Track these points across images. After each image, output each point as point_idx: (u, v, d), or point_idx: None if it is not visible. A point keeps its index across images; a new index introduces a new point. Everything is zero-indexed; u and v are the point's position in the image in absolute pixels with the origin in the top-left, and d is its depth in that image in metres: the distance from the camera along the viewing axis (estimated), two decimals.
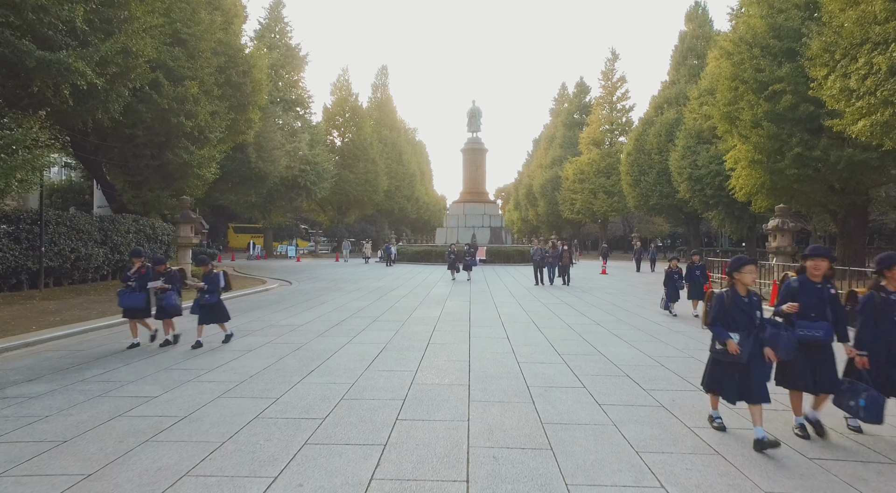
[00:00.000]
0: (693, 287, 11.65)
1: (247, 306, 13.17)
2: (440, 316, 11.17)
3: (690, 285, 11.69)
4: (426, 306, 12.91)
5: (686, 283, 11.77)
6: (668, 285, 11.82)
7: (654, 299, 15.22)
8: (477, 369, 6.50)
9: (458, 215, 41.98)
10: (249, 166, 29.81)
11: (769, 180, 19.37)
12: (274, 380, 5.96)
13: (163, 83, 16.92)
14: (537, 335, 9.02)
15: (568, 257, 19.54)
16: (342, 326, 9.96)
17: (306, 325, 10.06)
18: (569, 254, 19.82)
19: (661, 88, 45.04)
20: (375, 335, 8.93)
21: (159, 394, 5.41)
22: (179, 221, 16.60)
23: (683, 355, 7.50)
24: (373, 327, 9.78)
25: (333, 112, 57.10)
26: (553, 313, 11.95)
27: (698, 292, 11.39)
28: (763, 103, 18.38)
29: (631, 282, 21.36)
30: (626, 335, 9.11)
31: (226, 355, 7.29)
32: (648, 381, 6.06)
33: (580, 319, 11.03)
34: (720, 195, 33.01)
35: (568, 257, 19.57)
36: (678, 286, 11.77)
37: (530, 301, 14.23)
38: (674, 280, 11.80)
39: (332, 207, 58.02)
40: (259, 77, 23.07)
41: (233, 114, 21.95)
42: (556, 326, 10.09)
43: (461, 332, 9.29)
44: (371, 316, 11.22)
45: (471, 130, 43.92)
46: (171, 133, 18.92)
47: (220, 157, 21.36)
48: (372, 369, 6.55)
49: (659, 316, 11.63)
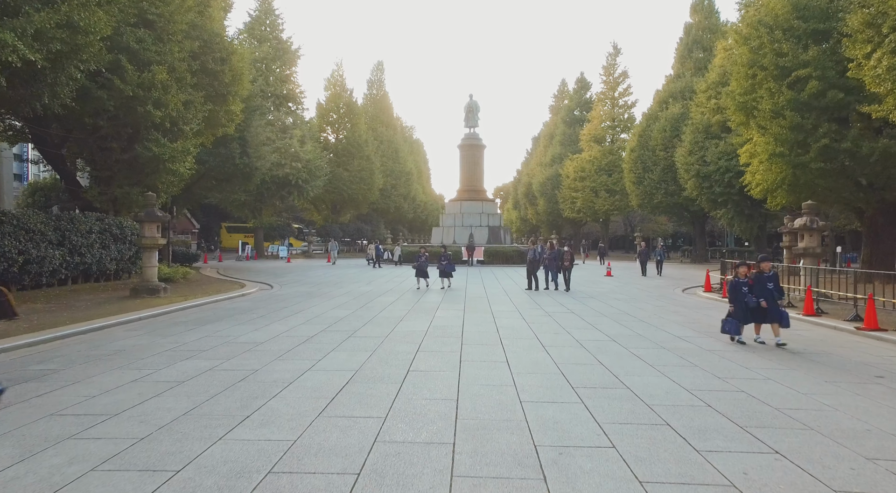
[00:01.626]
0: (758, 307, 8.48)
1: (212, 315, 11.57)
2: (428, 330, 9.58)
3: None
4: (414, 317, 11.32)
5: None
6: (736, 303, 8.63)
7: (672, 306, 13.65)
8: (466, 415, 4.92)
9: (454, 214, 40.37)
10: (234, 162, 28.17)
11: (791, 175, 17.82)
12: (189, 434, 4.37)
13: (126, 67, 15.33)
14: (543, 358, 7.43)
15: (569, 259, 17.71)
16: (310, 344, 8.36)
17: (268, 342, 8.46)
18: (570, 255, 17.97)
19: (666, 82, 43.52)
20: (346, 358, 7.34)
21: (9, 465, 3.82)
22: (144, 219, 14.99)
23: (731, 389, 5.92)
24: (346, 346, 8.18)
25: (327, 108, 55.51)
26: (560, 325, 10.36)
27: (773, 312, 8.37)
28: (785, 91, 16.82)
29: (640, 286, 19.78)
30: (650, 357, 7.53)
31: (146, 390, 5.70)
32: (699, 434, 4.48)
33: (592, 333, 9.45)
34: (729, 193, 31.51)
35: (569, 258, 17.75)
36: (750, 303, 8.43)
37: (532, 310, 12.65)
38: (742, 295, 8.59)
39: (326, 205, 56.43)
40: (239, 65, 21.47)
41: (210, 105, 20.36)
42: (564, 343, 8.50)
43: (451, 353, 7.70)
44: (347, 330, 9.62)
45: (468, 125, 42.31)
46: (140, 124, 17.34)
47: (195, 151, 19.75)
48: (328, 413, 4.96)
49: (683, 329, 10.05)
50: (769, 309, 8.30)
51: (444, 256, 17.90)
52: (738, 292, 8.52)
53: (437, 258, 18.59)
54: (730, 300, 8.70)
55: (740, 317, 8.49)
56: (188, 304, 13.27)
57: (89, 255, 16.44)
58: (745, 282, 8.56)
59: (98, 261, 17.00)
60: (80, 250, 16.02)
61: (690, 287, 19.83)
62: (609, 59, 55.15)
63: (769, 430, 4.58)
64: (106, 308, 12.15)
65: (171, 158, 18.08)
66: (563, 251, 17.84)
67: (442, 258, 17.81)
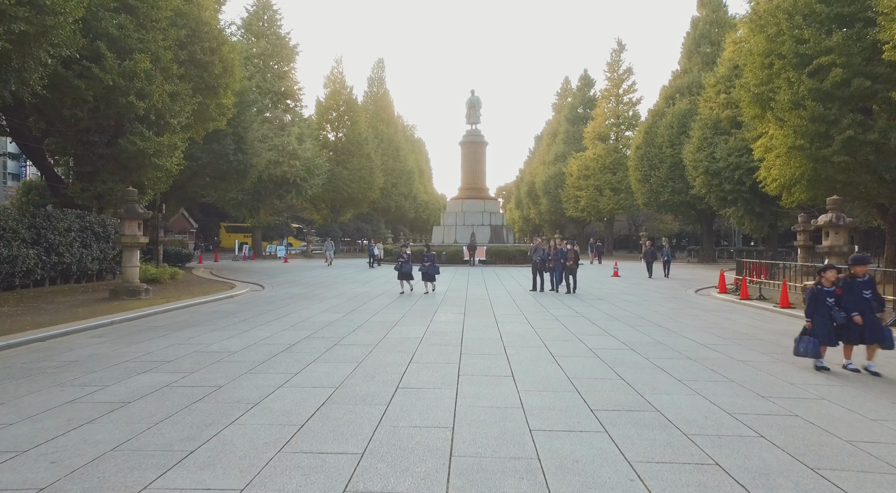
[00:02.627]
0: (850, 323, 6.45)
1: (189, 319, 10.63)
2: (423, 337, 8.61)
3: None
4: (409, 321, 10.37)
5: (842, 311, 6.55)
6: (818, 317, 6.58)
7: (688, 309, 12.66)
8: (464, 450, 3.96)
9: (456, 213, 39.38)
10: (228, 159, 27.24)
11: (811, 170, 16.80)
12: (105, 482, 3.41)
13: (105, 55, 14.40)
14: (554, 371, 6.47)
15: (573, 258, 16.40)
16: (289, 354, 7.41)
17: (242, 352, 7.51)
18: (574, 254, 16.51)
19: (672, 77, 42.52)
20: (327, 372, 6.39)
21: None
22: (124, 216, 14.07)
23: (782, 412, 4.95)
24: (330, 356, 7.23)
25: (327, 106, 54.58)
26: (569, 331, 9.39)
27: (872, 330, 6.37)
28: (806, 80, 15.81)
29: (650, 287, 18.79)
30: (677, 370, 6.56)
31: (79, 414, 4.75)
32: (761, 480, 3.51)
33: (606, 341, 8.47)
34: (739, 190, 30.47)
35: (573, 257, 16.42)
36: (838, 319, 6.48)
37: (538, 313, 11.67)
38: (827, 308, 6.55)
39: (326, 205, 55.52)
40: (230, 57, 20.51)
41: (199, 97, 19.43)
42: (576, 353, 7.54)
43: (448, 365, 6.75)
44: (334, 337, 8.67)
45: (470, 121, 41.28)
46: (123, 116, 16.44)
47: (183, 145, 18.82)
48: (292, 447, 4.01)
49: (706, 335, 9.06)
50: (866, 325, 6.37)
51: (426, 256, 15.73)
52: (820, 304, 6.59)
53: (419, 259, 16.59)
54: (807, 314, 6.70)
55: (823, 336, 6.53)
56: (168, 307, 12.35)
57: (68, 254, 15.52)
58: (832, 291, 6.60)
59: (78, 261, 16.08)
60: (57, 250, 15.09)
61: (703, 288, 18.86)
62: (613, 55, 54.12)
63: (851, 475, 3.60)
64: (77, 312, 11.21)
65: (156, 153, 17.17)
66: (570, 250, 16.77)
67: (424, 259, 15.65)
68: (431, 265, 15.56)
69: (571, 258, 16.29)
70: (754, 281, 15.65)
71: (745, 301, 14.35)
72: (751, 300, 14.50)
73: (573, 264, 16.24)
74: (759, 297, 14.74)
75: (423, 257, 15.75)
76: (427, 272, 15.55)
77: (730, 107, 31.37)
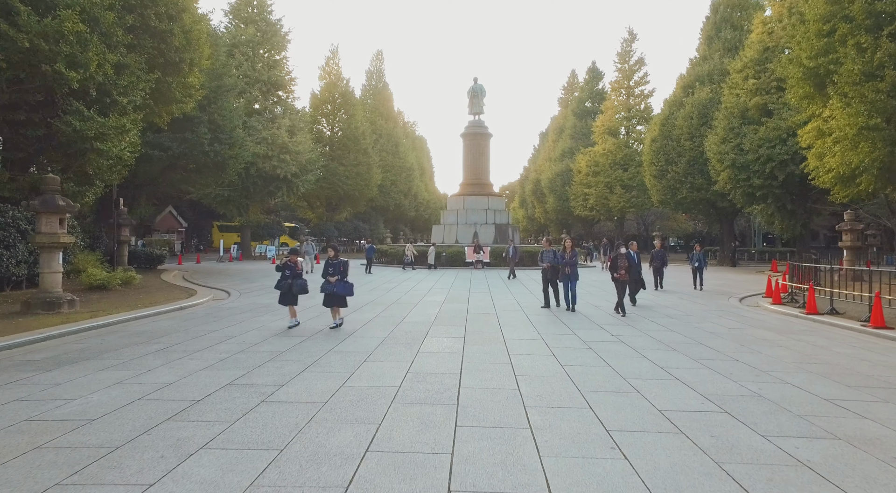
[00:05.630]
0: None
1: (89, 348, 7.79)
2: (401, 387, 5.75)
3: None
4: (387, 354, 7.51)
5: None
6: None
7: (753, 329, 9.75)
8: None
9: (457, 211, 36.43)
10: (203, 150, 24.40)
11: (887, 154, 13.89)
12: None
13: (18, 8, 11.60)
14: (619, 474, 3.61)
15: (570, 264, 11.99)
16: (179, 422, 4.57)
17: (108, 418, 4.68)
18: (572, 257, 12.07)
19: (690, 65, 39.61)
20: (217, 471, 3.54)
21: None
22: (38, 209, 11.26)
23: None
24: (242, 428, 4.39)
25: (322, 99, 51.80)
26: (615, 371, 6.52)
27: None
28: (885, 43, 12.92)
29: (684, 296, 15.88)
30: (828, 465, 3.69)
31: None
32: None
33: (678, 392, 5.60)
34: (770, 185, 27.53)
35: (571, 262, 12.00)
36: None
37: (563, 337, 8.81)
38: None
39: (321, 203, 52.72)
40: (194, 27, 17.72)
41: (157, 73, 16.60)
42: (643, 422, 4.68)
43: (433, 456, 3.91)
44: (267, 384, 5.82)
45: (472, 111, 38.32)
46: (54, 90, 13.62)
47: (135, 128, 15.99)
48: None
49: (817, 379, 6.18)
50: None
51: (331, 264, 9.31)
52: None
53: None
54: None
55: None
56: (87, 324, 9.57)
57: None
58: None
59: None
60: None
61: (746, 297, 15.99)
62: (624, 45, 51.23)
63: None
64: None
65: (99, 136, 14.34)
66: (620, 253, 11.88)
67: (329, 269, 9.27)
68: (340, 281, 9.18)
69: (570, 265, 12.00)
70: (823, 290, 12.75)
71: (814, 317, 11.47)
72: (821, 315, 11.63)
73: (571, 271, 12.02)
74: (832, 311, 11.85)
75: (326, 267, 9.37)
76: (333, 292, 9.19)
77: (759, 93, 28.48)
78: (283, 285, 9.46)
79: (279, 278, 9.54)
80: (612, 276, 11.74)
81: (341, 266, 9.35)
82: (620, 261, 11.48)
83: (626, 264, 11.47)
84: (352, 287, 9.44)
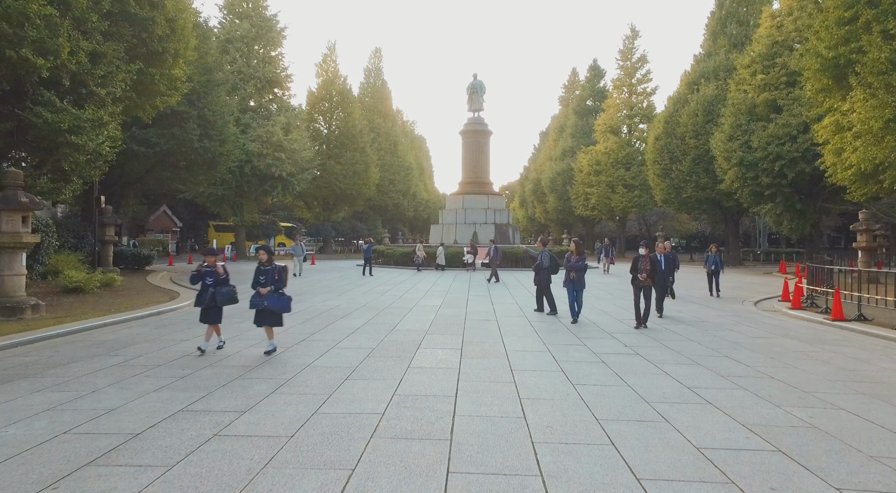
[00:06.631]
0: None
1: (45, 359, 6.88)
2: (385, 414, 4.84)
3: None
4: (373, 369, 6.60)
5: None
6: None
7: (780, 339, 8.83)
8: None
9: (456, 210, 35.51)
10: (192, 146, 23.48)
11: None
12: None
13: None
14: None
15: (576, 265, 10.67)
16: (98, 471, 3.65)
17: (3, 466, 3.77)
18: (581, 256, 10.86)
19: (695, 61, 38.68)
20: None
21: None
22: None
23: None
24: (173, 479, 3.48)
25: (319, 96, 50.87)
26: (635, 392, 5.61)
27: None
28: None
29: (693, 298, 14.97)
30: None
31: None
32: None
33: (712, 420, 4.69)
34: (779, 184, 26.63)
35: (578, 263, 10.69)
36: None
37: (571, 348, 7.90)
38: None
39: (318, 202, 51.78)
40: (180, 16, 16.81)
41: (139, 64, 15.68)
42: (677, 463, 3.77)
43: None
44: (224, 411, 4.90)
45: (472, 108, 37.39)
46: (22, 78, 12.73)
47: (113, 121, 15.08)
48: None
49: (868, 401, 5.27)
50: None
51: (263, 270, 7.50)
52: None
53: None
54: None
55: None
56: (47, 333, 8.69)
57: None
58: None
59: None
60: None
61: (760, 300, 15.11)
62: (626, 42, 50.24)
63: None
64: None
65: (74, 129, 13.42)
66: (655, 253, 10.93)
67: (260, 277, 7.47)
68: (274, 294, 7.35)
69: (575, 266, 10.69)
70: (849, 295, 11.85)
71: (842, 324, 10.57)
72: (848, 321, 10.73)
73: (577, 277, 10.68)
74: (860, 317, 10.94)
75: (256, 276, 7.52)
76: (264, 308, 7.34)
77: (768, 89, 27.58)
78: (204, 298, 7.48)
79: (199, 290, 7.61)
80: (631, 279, 10.45)
81: (275, 273, 7.41)
82: (642, 263, 10.35)
83: (647, 266, 10.30)
84: (288, 302, 7.45)
